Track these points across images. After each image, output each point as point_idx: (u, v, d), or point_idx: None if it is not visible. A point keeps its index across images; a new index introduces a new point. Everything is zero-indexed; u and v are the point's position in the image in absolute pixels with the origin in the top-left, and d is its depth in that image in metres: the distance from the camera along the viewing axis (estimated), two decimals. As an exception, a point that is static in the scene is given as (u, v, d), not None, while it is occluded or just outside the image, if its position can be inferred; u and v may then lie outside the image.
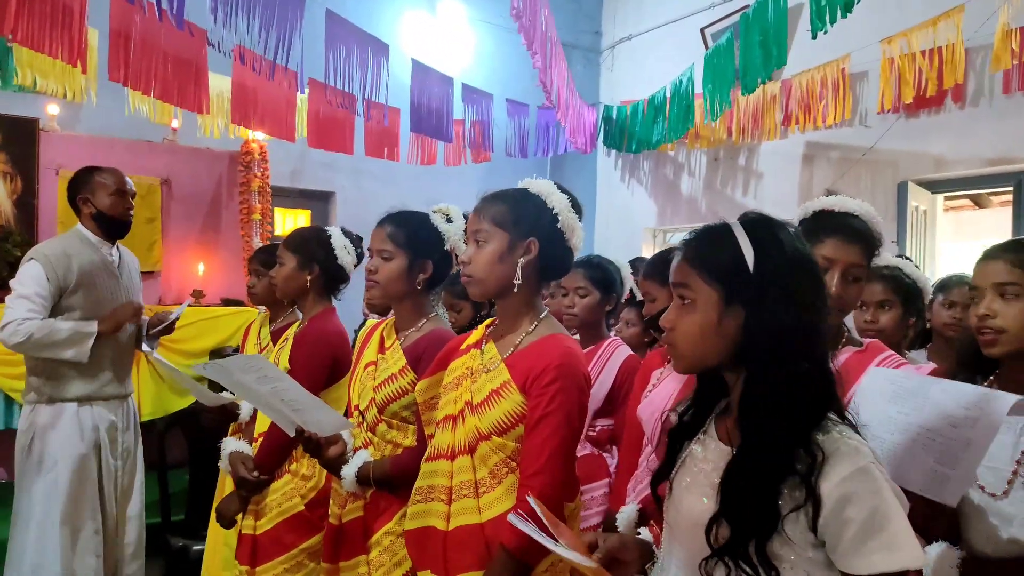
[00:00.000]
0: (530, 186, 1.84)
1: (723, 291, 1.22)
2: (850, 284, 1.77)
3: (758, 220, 1.29)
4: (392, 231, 2.22)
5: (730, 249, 1.23)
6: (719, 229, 1.28)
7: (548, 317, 1.86)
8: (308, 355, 2.70)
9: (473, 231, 1.80)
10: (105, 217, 3.26)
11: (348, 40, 4.04)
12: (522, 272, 1.76)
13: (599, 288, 2.91)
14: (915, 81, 4.73)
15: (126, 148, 5.34)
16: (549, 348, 1.74)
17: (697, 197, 7.50)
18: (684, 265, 1.27)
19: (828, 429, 1.17)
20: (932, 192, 5.68)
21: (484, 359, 1.84)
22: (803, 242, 1.30)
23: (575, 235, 1.83)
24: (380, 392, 2.19)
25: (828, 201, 1.90)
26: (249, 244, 5.77)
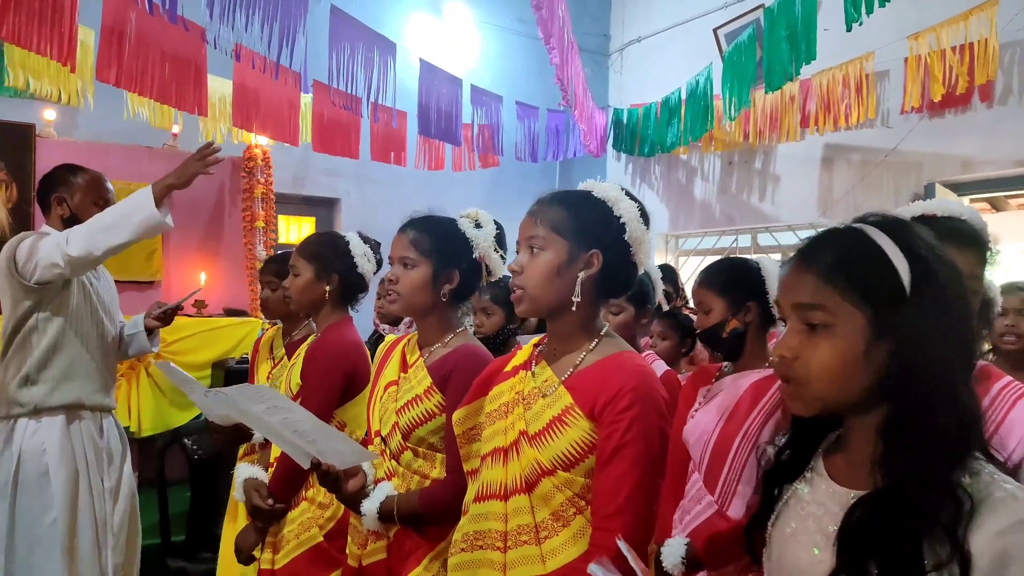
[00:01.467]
0: (594, 189, 1.60)
1: (873, 315, 0.99)
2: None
3: (895, 223, 1.05)
4: (416, 237, 1.98)
5: (878, 261, 1.00)
6: (853, 235, 1.04)
7: (611, 334, 1.62)
8: (322, 369, 2.47)
9: (527, 236, 1.55)
10: (78, 222, 2.91)
11: (353, 38, 3.87)
12: (581, 288, 1.53)
13: (634, 304, 2.71)
14: (945, 78, 4.53)
15: (125, 154, 5.18)
16: (620, 367, 1.50)
17: (711, 202, 7.31)
18: (814, 279, 1.03)
19: (976, 471, 0.96)
20: (958, 194, 5.49)
21: (538, 381, 1.59)
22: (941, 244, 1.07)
23: (642, 248, 1.59)
24: (404, 415, 1.95)
25: (928, 205, 1.67)
26: (252, 252, 5.60)
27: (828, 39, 5.65)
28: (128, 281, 5.14)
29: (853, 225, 1.07)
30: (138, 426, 4.86)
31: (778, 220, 6.70)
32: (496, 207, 7.48)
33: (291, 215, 7.01)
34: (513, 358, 1.72)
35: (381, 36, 4.12)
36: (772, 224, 6.80)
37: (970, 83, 4.47)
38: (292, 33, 3.24)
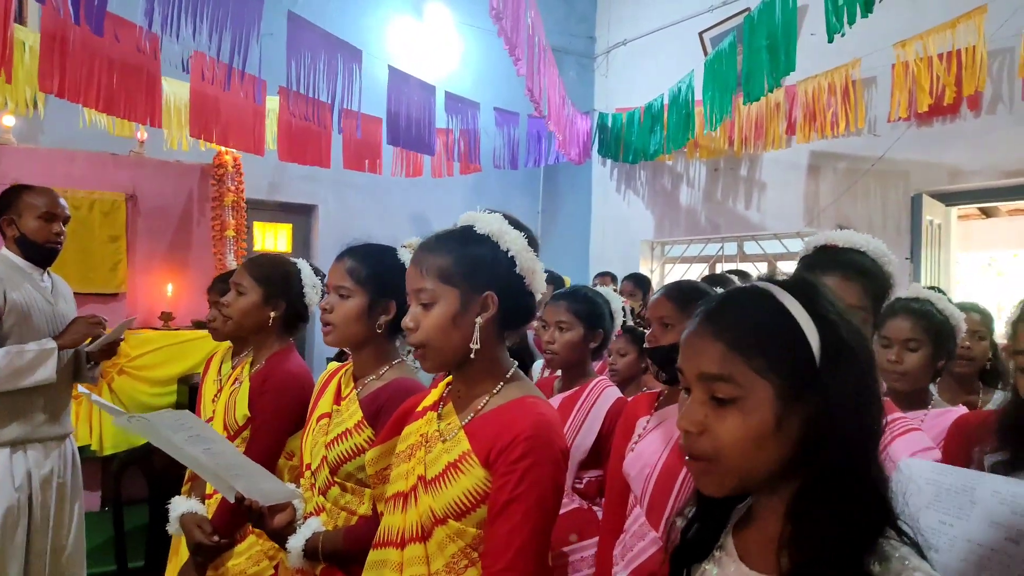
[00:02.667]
0: (476, 224, 1.50)
1: (784, 385, 0.92)
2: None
3: (804, 286, 0.99)
4: (352, 266, 1.93)
5: (785, 327, 0.93)
6: (761, 299, 0.97)
7: (518, 375, 1.55)
8: (274, 402, 2.38)
9: (415, 289, 1.48)
10: (28, 242, 2.94)
11: (314, 45, 3.71)
12: (482, 333, 1.46)
13: (583, 322, 2.59)
14: (932, 87, 4.40)
15: (88, 161, 5.01)
16: (519, 415, 1.43)
17: (697, 208, 7.19)
18: (721, 348, 0.95)
19: (886, 555, 0.89)
20: (946, 204, 5.37)
21: (441, 425, 1.53)
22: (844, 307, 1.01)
23: (536, 277, 1.52)
24: (333, 450, 1.89)
25: (833, 236, 1.68)
26: (222, 263, 5.44)
27: (814, 45, 5.51)
28: (92, 293, 4.98)
29: (760, 286, 0.99)
30: (99, 444, 4.70)
31: (764, 228, 6.58)
32: (477, 214, 7.20)
33: (267, 222, 6.84)
34: (426, 397, 1.65)
35: (344, 43, 3.95)
36: (758, 232, 6.68)
37: (958, 93, 4.34)
38: (245, 41, 3.08)
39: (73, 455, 3.21)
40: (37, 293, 3.02)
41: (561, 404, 2.56)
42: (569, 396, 2.57)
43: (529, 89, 3.91)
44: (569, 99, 5.99)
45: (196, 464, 1.86)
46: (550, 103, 4.72)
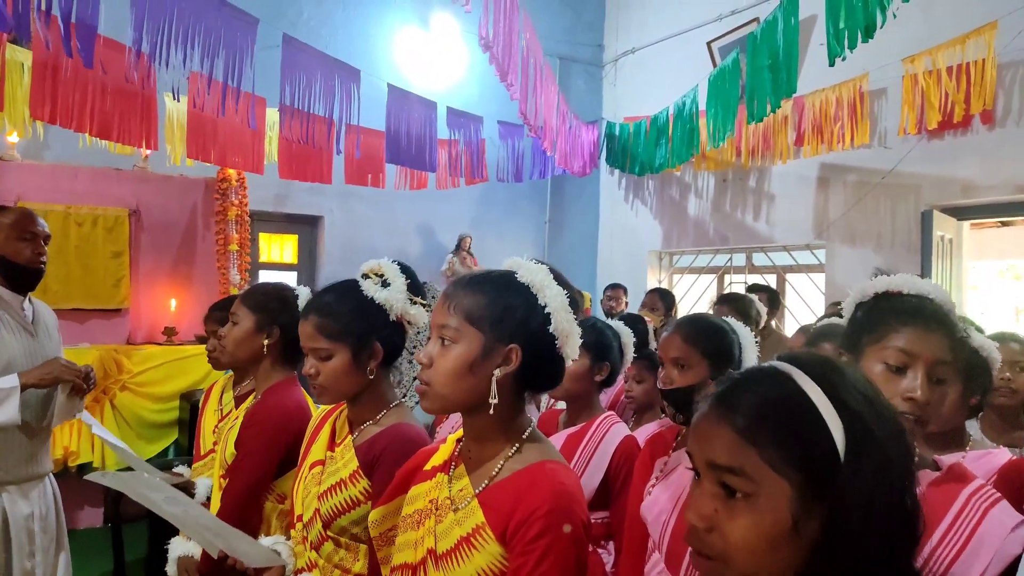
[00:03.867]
0: (519, 271, 1.41)
1: (803, 483, 0.84)
2: (935, 386, 1.36)
3: (827, 368, 0.90)
4: (322, 323, 1.80)
5: (808, 420, 0.85)
6: (780, 383, 0.89)
7: (534, 435, 1.43)
8: (261, 437, 2.23)
9: (439, 324, 1.37)
10: (9, 264, 2.73)
11: (310, 67, 3.67)
12: (498, 387, 1.34)
13: (589, 353, 2.49)
14: (941, 104, 4.30)
15: (92, 177, 5.01)
16: (536, 485, 1.32)
17: (705, 219, 7.11)
18: (733, 437, 0.87)
19: None
20: (958, 219, 5.26)
21: (453, 490, 1.41)
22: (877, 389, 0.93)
23: (570, 342, 1.40)
24: (326, 502, 1.78)
25: (895, 282, 1.49)
26: (226, 277, 5.43)
27: (822, 57, 5.43)
28: (95, 309, 4.98)
29: (780, 368, 0.90)
30: (102, 461, 4.70)
31: (772, 240, 6.49)
32: (486, 223, 7.36)
33: (272, 233, 6.84)
34: (436, 453, 1.53)
35: (341, 63, 3.92)
36: (767, 244, 6.59)
37: (967, 109, 4.24)
38: (239, 66, 3.05)
39: (55, 495, 2.99)
40: (14, 321, 2.84)
41: (566, 441, 2.45)
42: (575, 433, 2.45)
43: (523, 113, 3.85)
44: (572, 112, 5.92)
45: (176, 520, 1.81)
46: (547, 123, 4.66)
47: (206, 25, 2.80)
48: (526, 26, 3.86)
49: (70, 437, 4.59)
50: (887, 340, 1.36)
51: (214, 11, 2.86)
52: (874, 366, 1.37)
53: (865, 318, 1.47)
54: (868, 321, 1.44)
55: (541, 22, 7.92)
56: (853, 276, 5.78)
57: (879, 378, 1.35)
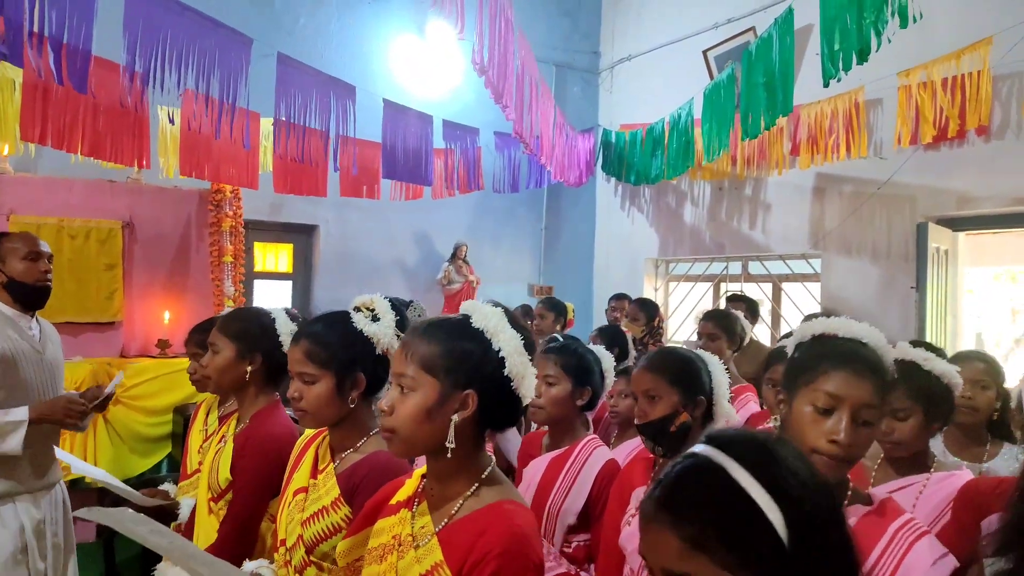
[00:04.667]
0: (474, 315, 1.45)
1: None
2: (860, 428, 1.42)
3: (758, 454, 0.91)
4: (310, 348, 1.86)
5: (745, 514, 0.86)
6: (710, 477, 0.90)
7: (494, 475, 1.48)
8: (254, 466, 2.31)
9: (397, 373, 1.43)
10: (18, 284, 2.90)
11: (304, 84, 3.66)
12: (455, 432, 1.39)
13: (571, 377, 2.51)
14: (936, 119, 4.31)
15: (85, 189, 4.99)
16: (492, 526, 1.37)
17: (701, 228, 7.11)
18: (679, 545, 0.88)
19: None
20: (953, 230, 5.26)
21: (415, 527, 1.46)
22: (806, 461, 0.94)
23: (525, 383, 1.44)
24: (309, 528, 1.83)
25: (831, 324, 1.55)
26: (220, 288, 5.41)
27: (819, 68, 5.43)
28: (88, 323, 4.96)
29: (713, 461, 0.90)
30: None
31: (768, 249, 6.49)
32: (482, 231, 7.33)
33: (268, 242, 6.83)
34: (401, 487, 1.57)
35: (336, 80, 3.90)
36: (762, 253, 6.59)
37: (962, 124, 4.24)
38: (233, 87, 3.03)
39: (64, 501, 3.14)
40: (24, 341, 2.98)
41: (549, 464, 2.49)
42: (558, 456, 2.50)
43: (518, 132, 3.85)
44: (568, 123, 5.91)
45: (162, 550, 1.83)
46: (543, 137, 4.65)
47: (200, 46, 2.79)
48: (521, 44, 3.86)
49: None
50: (817, 383, 1.43)
51: (208, 32, 2.85)
52: (804, 407, 1.45)
53: (801, 359, 1.54)
54: (803, 363, 1.51)
55: (538, 30, 7.93)
56: (848, 286, 5.78)
57: (808, 418, 1.44)
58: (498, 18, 3.45)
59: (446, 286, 7.21)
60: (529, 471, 2.52)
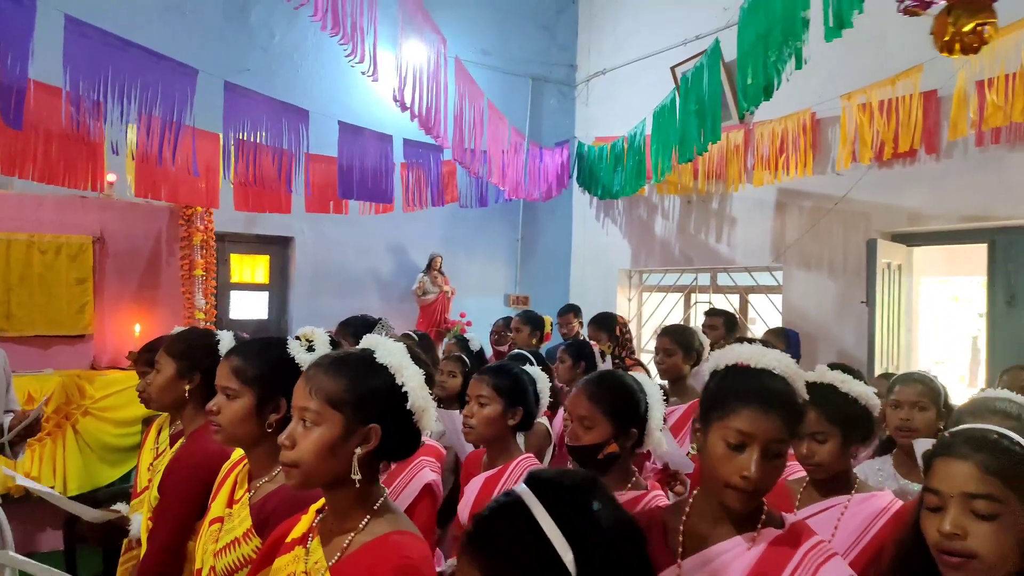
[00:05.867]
0: (378, 351, 1.50)
1: None
2: (770, 461, 1.46)
3: (561, 494, 1.02)
4: (238, 365, 1.90)
5: (540, 552, 0.96)
6: (513, 517, 1.00)
7: (386, 506, 1.51)
8: (177, 482, 2.31)
9: (300, 407, 1.45)
10: None
11: (254, 112, 3.77)
12: (359, 464, 1.43)
13: (503, 398, 2.60)
14: (872, 142, 4.43)
15: (56, 205, 5.11)
16: (382, 558, 1.40)
17: (671, 240, 7.22)
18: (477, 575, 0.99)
19: None
20: (908, 245, 5.37)
21: (308, 563, 1.49)
22: (618, 505, 1.05)
23: (426, 416, 1.50)
24: (221, 559, 1.84)
25: (743, 353, 1.58)
26: (191, 301, 5.53)
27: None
28: (58, 336, 5.08)
29: (521, 501, 1.01)
30: (63, 485, 4.79)
31: (733, 261, 6.60)
32: (455, 243, 7.42)
33: (244, 254, 6.94)
34: (298, 523, 1.60)
35: (288, 105, 4.03)
36: (729, 265, 6.70)
37: (895, 148, 4.36)
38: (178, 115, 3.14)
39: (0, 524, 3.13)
40: None
41: (484, 483, 2.54)
42: (491, 476, 2.55)
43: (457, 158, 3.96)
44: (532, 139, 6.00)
45: None
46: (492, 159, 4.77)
47: (143, 80, 2.91)
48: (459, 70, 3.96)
49: (31, 463, 4.68)
50: (728, 420, 1.45)
51: (151, 65, 2.97)
52: (717, 442, 1.47)
53: (714, 393, 1.55)
54: (715, 397, 1.53)
55: (515, 43, 8.06)
56: (808, 299, 5.89)
57: (720, 453, 1.46)
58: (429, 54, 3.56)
59: (421, 297, 7.32)
60: (469, 489, 2.58)
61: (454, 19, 7.65)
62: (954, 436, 1.36)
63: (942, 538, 1.25)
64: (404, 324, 6.76)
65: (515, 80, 8.07)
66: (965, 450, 1.28)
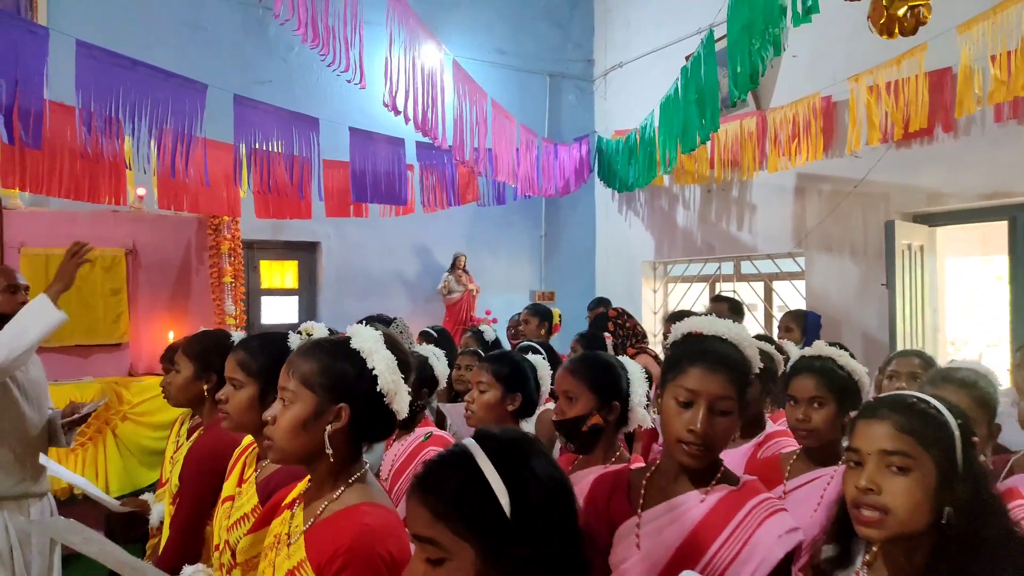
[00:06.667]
0: (355, 338, 1.62)
1: (483, 546, 1.04)
2: (718, 418, 1.57)
3: (505, 445, 1.11)
4: (243, 359, 2.05)
5: (480, 492, 1.05)
6: (459, 462, 1.10)
7: (362, 480, 1.62)
8: (197, 472, 2.49)
9: (280, 387, 1.61)
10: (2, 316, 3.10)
11: (264, 123, 3.90)
12: (330, 441, 1.55)
13: (502, 384, 2.68)
14: (881, 123, 4.40)
15: (90, 220, 5.33)
16: (345, 525, 1.51)
17: (693, 229, 7.21)
18: (426, 514, 1.07)
19: None
20: (929, 226, 5.30)
21: (292, 526, 1.62)
22: (554, 464, 1.14)
23: (397, 399, 1.60)
24: (233, 534, 1.97)
25: (696, 323, 1.71)
26: (221, 308, 5.72)
27: (783, 73, 5.53)
28: (95, 345, 5.30)
29: (468, 448, 1.10)
30: (105, 488, 5.00)
31: (756, 249, 6.57)
32: (479, 241, 7.52)
33: (272, 260, 7.13)
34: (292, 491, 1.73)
35: (297, 114, 4.15)
36: (752, 253, 6.67)
37: (905, 129, 4.32)
38: (188, 135, 3.29)
39: (53, 512, 3.35)
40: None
41: None
42: None
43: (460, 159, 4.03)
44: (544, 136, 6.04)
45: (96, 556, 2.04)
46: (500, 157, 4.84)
47: (153, 97, 3.05)
48: (457, 71, 4.04)
49: (75, 467, 4.90)
50: (679, 380, 1.58)
51: (160, 83, 3.11)
52: (669, 401, 1.59)
53: (669, 358, 1.70)
54: (670, 361, 1.67)
55: (530, 42, 8.12)
56: (830, 283, 5.85)
57: (672, 411, 1.58)
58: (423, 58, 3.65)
59: (446, 296, 7.43)
60: None
61: (468, 21, 7.76)
62: (877, 401, 1.44)
63: (858, 493, 1.31)
64: (431, 323, 6.88)
65: (532, 78, 8.13)
66: (884, 412, 1.35)
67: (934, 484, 1.28)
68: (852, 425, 1.41)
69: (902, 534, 1.29)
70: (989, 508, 1.31)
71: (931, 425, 1.31)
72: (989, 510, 1.31)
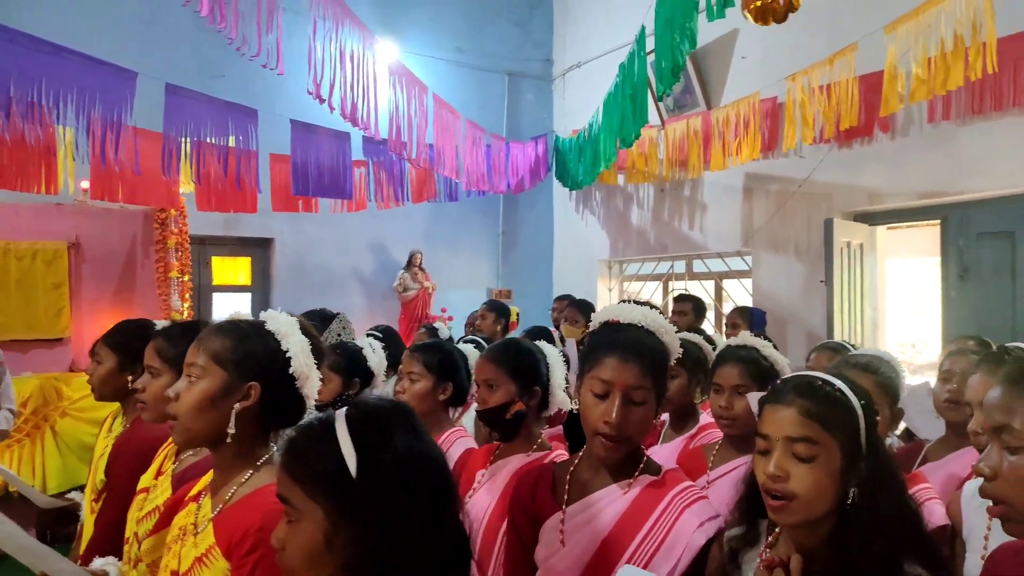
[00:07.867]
0: (269, 320, 1.61)
1: (329, 507, 1.08)
2: (633, 408, 1.56)
3: (371, 412, 1.15)
4: (162, 346, 2.05)
5: (329, 453, 1.09)
6: (321, 428, 1.13)
7: (270, 462, 1.58)
8: (124, 469, 2.46)
9: (188, 363, 1.56)
10: None
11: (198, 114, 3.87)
12: (236, 420, 1.52)
13: (433, 374, 2.70)
14: (814, 122, 4.49)
15: (32, 212, 5.26)
16: (254, 506, 1.47)
17: (647, 228, 7.28)
18: (286, 477, 1.12)
19: None
20: (870, 224, 5.41)
21: (198, 516, 1.59)
22: (420, 436, 1.16)
23: (309, 383, 1.59)
24: (142, 526, 1.94)
25: (613, 311, 1.70)
26: (167, 303, 5.67)
27: (734, 76, 5.61)
28: (35, 340, 5.23)
29: (329, 417, 1.14)
30: (43, 485, 4.93)
31: (706, 248, 6.65)
32: (437, 238, 7.52)
33: (225, 256, 7.07)
34: (195, 485, 1.70)
35: (235, 104, 4.13)
36: (702, 252, 6.75)
37: (836, 127, 4.41)
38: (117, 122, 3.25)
39: None
40: None
41: None
42: None
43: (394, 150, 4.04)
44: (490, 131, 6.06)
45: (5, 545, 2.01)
46: (445, 152, 4.85)
47: (80, 85, 3.02)
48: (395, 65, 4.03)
49: (10, 464, 4.82)
50: (594, 371, 1.57)
51: (89, 70, 3.08)
52: (586, 393, 1.58)
53: (586, 349, 1.67)
54: (586, 353, 1.65)
55: (489, 40, 8.15)
56: (777, 282, 5.94)
57: (589, 403, 1.58)
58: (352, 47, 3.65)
59: (402, 293, 7.42)
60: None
61: (427, 19, 7.77)
62: (783, 383, 1.43)
63: (767, 479, 1.32)
64: (387, 321, 6.86)
65: (491, 76, 8.16)
66: (790, 396, 1.35)
67: (839, 466, 1.29)
68: (760, 408, 1.41)
69: (809, 519, 1.31)
70: (888, 485, 1.32)
71: (836, 408, 1.32)
72: (888, 486, 1.32)
